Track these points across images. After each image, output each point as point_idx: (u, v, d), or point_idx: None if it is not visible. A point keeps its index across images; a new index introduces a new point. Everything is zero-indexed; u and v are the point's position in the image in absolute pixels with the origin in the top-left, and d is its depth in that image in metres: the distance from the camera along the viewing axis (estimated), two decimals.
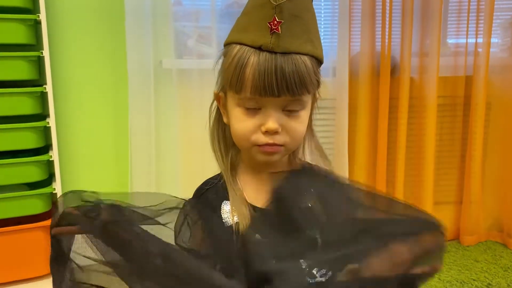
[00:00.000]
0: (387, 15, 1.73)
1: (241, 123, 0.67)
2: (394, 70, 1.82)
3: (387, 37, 1.75)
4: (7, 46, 1.38)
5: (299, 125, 0.68)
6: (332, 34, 1.76)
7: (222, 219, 0.73)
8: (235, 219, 0.71)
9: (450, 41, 1.93)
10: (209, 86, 1.68)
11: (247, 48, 0.65)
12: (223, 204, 0.74)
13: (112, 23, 1.63)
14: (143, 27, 1.54)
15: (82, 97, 1.65)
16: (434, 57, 1.77)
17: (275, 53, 0.63)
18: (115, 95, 1.68)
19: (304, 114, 0.69)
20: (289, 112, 0.67)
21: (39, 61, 1.42)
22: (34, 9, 1.40)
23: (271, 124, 0.65)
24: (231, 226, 0.71)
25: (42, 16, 1.34)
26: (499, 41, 1.94)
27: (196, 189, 0.79)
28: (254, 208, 0.73)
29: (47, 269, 1.47)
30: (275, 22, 0.63)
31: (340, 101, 1.76)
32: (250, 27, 0.65)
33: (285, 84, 0.63)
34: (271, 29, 0.63)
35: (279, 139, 0.67)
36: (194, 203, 0.77)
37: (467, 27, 1.82)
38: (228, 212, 0.73)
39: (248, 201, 0.73)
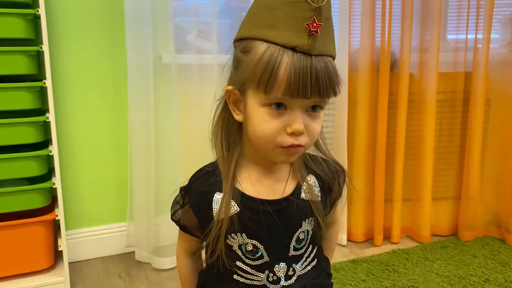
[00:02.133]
0: (387, 11, 1.73)
1: (266, 123, 0.66)
2: (394, 65, 1.82)
3: (386, 32, 1.74)
4: (6, 41, 1.38)
5: (318, 125, 0.69)
6: None
7: (212, 208, 0.75)
8: (223, 210, 0.73)
9: (450, 36, 1.93)
10: (209, 81, 1.70)
11: (278, 47, 0.63)
12: (215, 194, 0.75)
13: (112, 18, 1.62)
14: (143, 22, 1.53)
15: (82, 91, 1.65)
16: (433, 52, 1.77)
17: (310, 55, 0.63)
18: (115, 89, 1.68)
19: (322, 114, 0.70)
20: (311, 112, 0.68)
21: (39, 55, 1.42)
22: (34, 4, 1.39)
23: (298, 125, 0.66)
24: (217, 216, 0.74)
25: (42, 11, 1.33)
26: (499, 37, 1.94)
27: (192, 176, 0.80)
28: (252, 199, 0.74)
29: (47, 263, 1.49)
30: (315, 24, 0.62)
31: (340, 96, 1.73)
32: (280, 25, 0.63)
33: (317, 86, 0.63)
34: (310, 31, 0.62)
35: (302, 140, 0.67)
36: (187, 188, 0.79)
37: (467, 22, 1.82)
38: (217, 203, 0.75)
39: (248, 194, 0.74)
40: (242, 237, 0.74)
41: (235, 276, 0.76)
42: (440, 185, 1.95)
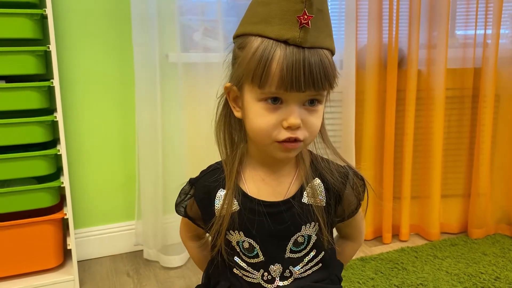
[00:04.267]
0: (395, 7, 1.72)
1: (262, 118, 0.66)
2: (402, 62, 1.80)
3: (394, 29, 1.73)
4: (14, 41, 1.39)
5: (317, 119, 0.68)
6: (339, 26, 1.75)
7: (214, 204, 0.76)
8: (225, 207, 0.74)
9: (459, 32, 1.91)
10: (215, 80, 1.70)
11: (271, 41, 0.63)
12: (219, 190, 0.75)
13: (118, 17, 1.63)
14: (149, 21, 1.54)
15: (89, 91, 1.65)
16: (442, 49, 1.75)
17: (302, 47, 0.62)
18: (122, 88, 1.68)
19: (321, 109, 0.69)
20: (309, 106, 0.67)
21: (46, 55, 1.43)
22: (41, 4, 1.40)
23: (294, 119, 0.65)
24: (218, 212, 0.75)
25: (49, 11, 1.34)
26: (508, 32, 1.92)
27: (202, 170, 0.82)
28: (252, 200, 0.74)
29: (56, 261, 1.50)
30: (305, 16, 0.62)
31: (347, 93, 1.75)
32: (273, 20, 0.63)
33: (311, 79, 0.63)
34: (301, 23, 0.62)
35: (299, 134, 0.66)
36: (195, 181, 0.81)
37: (476, 18, 1.80)
38: (219, 199, 0.76)
39: (250, 194, 0.74)
40: (239, 234, 0.75)
41: (234, 270, 0.78)
42: (449, 183, 1.93)
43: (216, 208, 0.75)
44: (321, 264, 0.78)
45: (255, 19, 0.66)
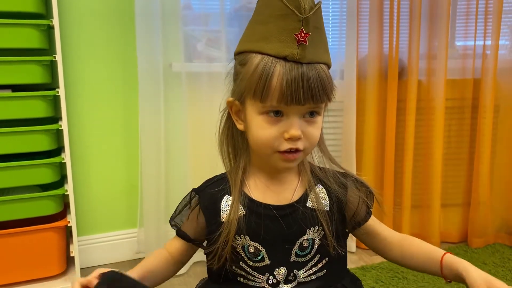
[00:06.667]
0: (395, 18, 1.74)
1: (264, 130, 0.70)
2: (402, 72, 1.82)
3: (394, 39, 1.75)
4: (21, 51, 1.41)
5: (316, 130, 0.72)
6: (340, 37, 1.77)
7: (221, 213, 0.78)
8: (232, 214, 0.76)
9: (458, 43, 1.93)
10: (218, 89, 1.72)
11: (271, 58, 0.67)
12: (224, 198, 0.77)
13: (123, 28, 1.65)
14: (153, 31, 1.56)
15: (94, 100, 1.67)
16: (442, 59, 1.77)
17: (301, 63, 0.66)
18: (126, 98, 1.70)
19: (320, 120, 0.73)
20: (309, 118, 0.70)
21: (52, 65, 1.45)
22: (47, 15, 1.43)
23: (295, 131, 0.68)
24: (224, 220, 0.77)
25: (55, 21, 1.37)
26: (507, 43, 1.94)
27: (204, 181, 0.84)
28: (257, 204, 0.76)
29: (59, 268, 1.51)
30: (303, 34, 0.65)
31: (348, 103, 1.77)
32: (272, 37, 0.67)
33: (310, 92, 0.66)
34: (299, 41, 0.65)
35: (299, 144, 0.70)
36: (199, 190, 0.82)
37: (475, 29, 1.82)
38: (225, 206, 0.78)
39: (254, 198, 0.77)
40: (245, 239, 0.76)
41: (238, 278, 0.79)
42: (449, 192, 1.94)
43: (222, 216, 0.77)
44: (325, 270, 0.79)
45: (254, 37, 0.70)
